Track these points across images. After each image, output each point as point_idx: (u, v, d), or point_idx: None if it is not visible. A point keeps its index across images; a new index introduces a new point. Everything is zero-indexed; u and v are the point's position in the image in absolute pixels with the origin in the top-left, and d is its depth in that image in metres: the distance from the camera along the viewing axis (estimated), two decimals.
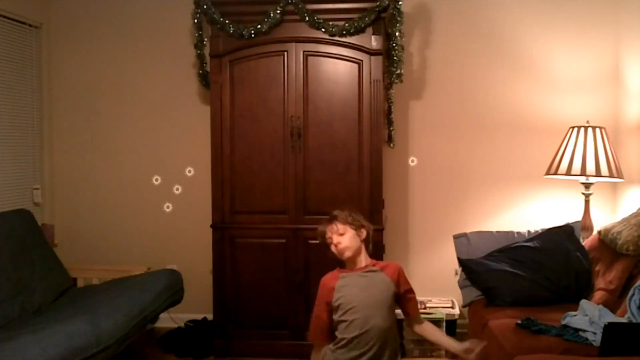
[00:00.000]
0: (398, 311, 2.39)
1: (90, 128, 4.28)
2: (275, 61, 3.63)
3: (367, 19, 3.50)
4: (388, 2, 3.50)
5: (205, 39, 3.83)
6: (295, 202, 3.64)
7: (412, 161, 4.08)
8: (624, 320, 2.55)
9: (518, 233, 3.57)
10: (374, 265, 2.37)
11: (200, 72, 3.93)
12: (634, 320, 2.51)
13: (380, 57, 3.56)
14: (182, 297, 3.57)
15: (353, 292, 2.29)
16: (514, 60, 3.96)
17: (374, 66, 3.56)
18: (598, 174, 3.46)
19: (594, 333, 2.48)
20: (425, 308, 3.79)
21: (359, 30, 3.54)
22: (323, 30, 3.55)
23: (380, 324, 2.25)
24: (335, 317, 2.30)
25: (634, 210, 3.23)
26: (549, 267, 3.16)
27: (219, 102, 3.66)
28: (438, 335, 2.45)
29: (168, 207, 4.26)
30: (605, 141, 3.53)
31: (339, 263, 2.40)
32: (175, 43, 4.14)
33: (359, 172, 3.60)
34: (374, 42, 3.55)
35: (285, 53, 3.62)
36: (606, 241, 3.14)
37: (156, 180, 4.26)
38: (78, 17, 4.24)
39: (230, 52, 3.64)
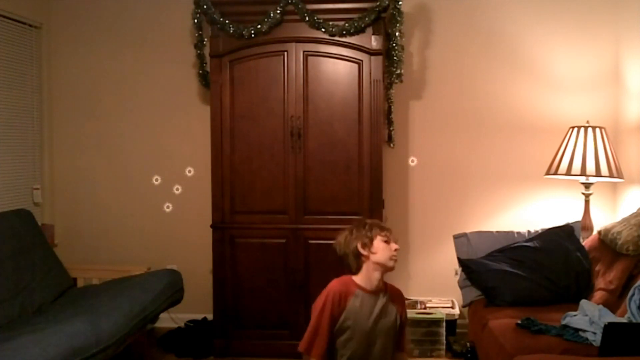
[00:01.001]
0: None
1: (90, 128, 4.28)
2: (275, 61, 3.63)
3: (367, 19, 3.50)
4: (388, 2, 3.50)
5: (205, 39, 3.83)
6: (295, 202, 3.64)
7: (412, 161, 4.08)
8: (624, 320, 2.55)
9: (518, 233, 3.57)
10: (384, 290, 2.31)
11: (200, 72, 3.93)
12: (634, 320, 2.51)
13: (380, 57, 3.56)
14: (182, 297, 3.57)
15: (363, 320, 2.21)
16: (514, 60, 3.96)
17: (374, 66, 3.56)
18: (598, 174, 3.46)
19: (594, 333, 2.48)
20: (425, 308, 3.79)
21: (359, 30, 3.54)
22: (323, 30, 3.54)
23: (379, 354, 2.23)
24: (336, 334, 2.22)
25: (634, 210, 3.23)
26: (549, 267, 3.16)
27: (219, 102, 3.66)
28: None
29: (168, 207, 4.26)
30: (605, 141, 3.53)
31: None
32: (175, 43, 4.14)
33: (359, 172, 3.60)
34: (374, 42, 3.55)
35: (285, 53, 3.61)
36: (606, 241, 3.14)
37: (156, 180, 4.26)
38: (78, 17, 4.24)
39: (230, 52, 3.64)
